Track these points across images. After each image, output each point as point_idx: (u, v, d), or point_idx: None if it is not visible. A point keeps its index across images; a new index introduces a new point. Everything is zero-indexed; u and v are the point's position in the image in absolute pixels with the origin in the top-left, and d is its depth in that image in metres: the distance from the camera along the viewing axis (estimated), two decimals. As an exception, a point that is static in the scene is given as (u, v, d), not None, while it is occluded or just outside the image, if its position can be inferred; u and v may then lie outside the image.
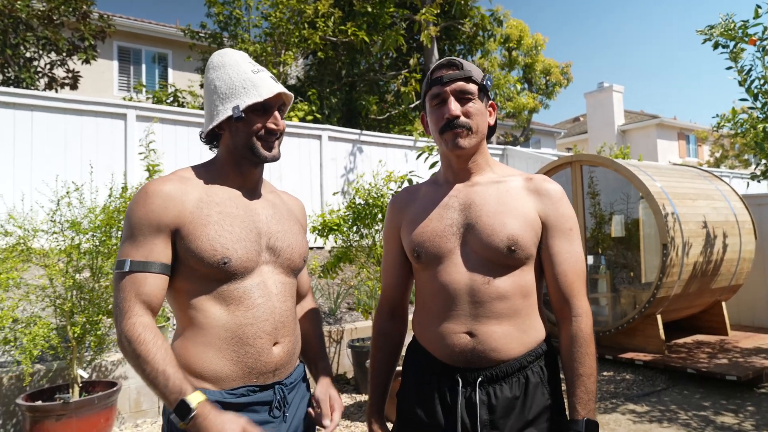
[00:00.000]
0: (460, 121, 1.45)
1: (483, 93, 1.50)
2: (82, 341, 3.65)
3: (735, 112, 5.01)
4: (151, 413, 4.19)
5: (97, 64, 9.84)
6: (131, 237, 1.32)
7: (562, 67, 16.17)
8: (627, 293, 5.98)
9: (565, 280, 1.45)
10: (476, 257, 1.43)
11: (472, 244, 1.44)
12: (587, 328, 1.44)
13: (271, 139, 1.44)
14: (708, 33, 4.64)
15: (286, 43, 9.42)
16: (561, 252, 1.45)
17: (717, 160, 23.31)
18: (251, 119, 1.42)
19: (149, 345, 1.24)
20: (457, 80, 1.46)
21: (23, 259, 3.51)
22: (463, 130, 1.46)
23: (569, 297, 1.45)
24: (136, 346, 1.24)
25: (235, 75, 1.43)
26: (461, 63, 1.49)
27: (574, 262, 1.45)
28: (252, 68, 1.45)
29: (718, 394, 4.66)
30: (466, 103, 1.47)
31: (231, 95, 1.41)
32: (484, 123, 1.51)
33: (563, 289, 1.45)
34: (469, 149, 1.48)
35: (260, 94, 1.39)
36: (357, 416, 4.29)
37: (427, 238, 1.48)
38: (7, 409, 3.61)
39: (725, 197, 6.40)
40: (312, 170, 7.81)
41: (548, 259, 1.46)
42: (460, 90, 1.46)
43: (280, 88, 1.43)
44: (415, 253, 1.50)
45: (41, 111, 5.83)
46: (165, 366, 1.24)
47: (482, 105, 1.50)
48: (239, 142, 1.43)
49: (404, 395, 1.58)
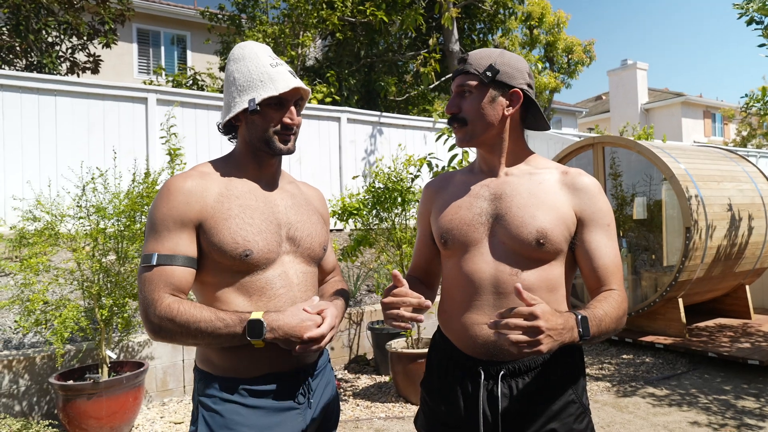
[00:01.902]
0: (452, 117, 1.49)
1: (488, 84, 1.45)
2: (109, 323, 3.75)
3: (765, 90, 4.88)
4: (177, 392, 4.31)
5: (117, 47, 9.92)
6: (156, 232, 1.35)
7: (584, 45, 15.81)
8: (648, 276, 5.93)
9: (604, 274, 1.42)
10: (504, 248, 1.43)
11: (500, 236, 1.44)
12: (621, 298, 1.40)
13: (287, 134, 1.46)
14: (744, 7, 4.51)
15: (304, 24, 9.36)
16: (599, 247, 1.42)
17: (744, 139, 22.73)
18: (267, 113, 1.43)
19: (191, 309, 1.29)
20: (458, 75, 1.49)
21: (51, 244, 3.60)
22: (454, 124, 1.49)
23: (608, 287, 1.42)
24: (178, 317, 1.28)
25: (254, 68, 1.44)
26: (466, 57, 1.50)
27: (613, 257, 1.43)
28: (271, 62, 1.45)
29: (739, 379, 4.62)
30: (465, 98, 1.48)
31: (248, 88, 1.43)
32: (485, 115, 1.45)
33: (603, 281, 1.42)
34: (471, 142, 1.49)
35: (276, 88, 1.40)
36: (377, 397, 4.36)
37: (456, 225, 1.48)
38: (41, 387, 3.74)
39: (752, 179, 6.26)
40: (331, 153, 7.82)
41: (585, 254, 1.44)
42: (460, 84, 1.48)
43: (297, 82, 1.43)
44: (443, 239, 1.51)
45: (64, 96, 5.91)
46: (214, 313, 1.30)
47: (483, 96, 1.45)
48: (255, 135, 1.45)
49: (428, 386, 1.59)
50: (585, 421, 1.46)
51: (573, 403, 1.43)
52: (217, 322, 1.29)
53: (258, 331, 1.28)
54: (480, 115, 1.46)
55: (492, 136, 1.48)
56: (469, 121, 1.47)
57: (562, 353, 1.46)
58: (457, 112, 1.47)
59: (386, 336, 4.76)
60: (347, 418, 3.95)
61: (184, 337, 1.30)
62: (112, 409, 3.48)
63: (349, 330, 5.24)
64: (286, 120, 1.44)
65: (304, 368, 1.46)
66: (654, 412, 3.96)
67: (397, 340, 4.53)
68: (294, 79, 1.44)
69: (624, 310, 1.39)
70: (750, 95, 4.97)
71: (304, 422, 1.44)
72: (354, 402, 4.27)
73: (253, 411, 1.38)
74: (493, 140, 1.49)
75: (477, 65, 1.46)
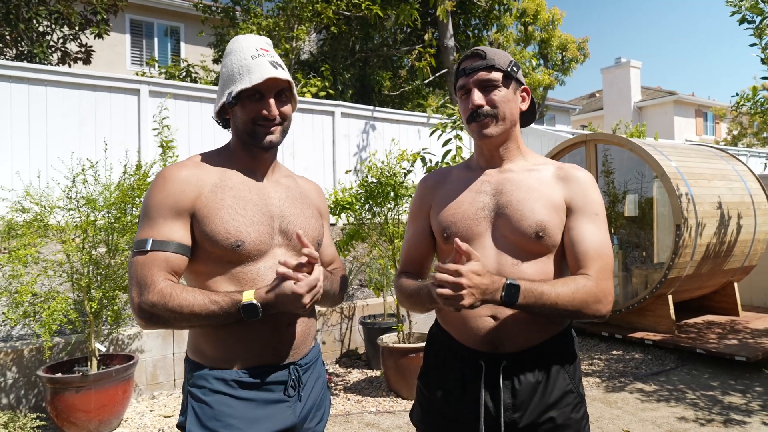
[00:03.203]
0: (483, 110, 1.46)
1: (511, 79, 1.49)
2: (99, 316, 3.73)
3: (756, 90, 4.91)
4: (167, 385, 4.30)
5: (109, 37, 9.82)
6: (150, 219, 1.35)
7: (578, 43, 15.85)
8: (639, 273, 5.97)
9: (583, 259, 1.39)
10: (505, 242, 1.45)
11: (502, 229, 1.46)
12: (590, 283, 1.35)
13: (267, 125, 1.44)
14: (737, 5, 4.52)
15: (299, 17, 9.30)
16: (583, 233, 1.42)
17: (735, 138, 22.89)
18: (246, 105, 1.43)
19: (183, 293, 1.30)
20: (479, 70, 1.47)
21: (40, 235, 3.57)
22: (488, 118, 1.47)
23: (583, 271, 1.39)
24: (171, 302, 1.28)
25: (236, 61, 1.44)
26: (485, 52, 1.49)
27: (597, 244, 1.41)
28: (253, 53, 1.43)
29: (726, 375, 4.67)
30: (490, 92, 1.47)
31: (229, 81, 1.43)
32: (511, 110, 1.50)
33: (580, 266, 1.39)
34: (498, 137, 1.49)
35: (251, 80, 1.39)
36: (368, 391, 4.37)
37: (459, 219, 1.50)
38: (29, 380, 3.72)
39: (741, 177, 6.31)
40: (325, 147, 7.79)
41: (569, 241, 1.43)
42: (484, 79, 1.47)
43: (272, 73, 1.40)
44: (445, 234, 1.52)
45: (55, 86, 5.85)
46: (207, 296, 1.31)
47: (509, 92, 1.49)
48: (240, 127, 1.46)
49: (426, 380, 1.60)
50: (582, 410, 1.49)
51: (571, 392, 1.46)
52: (211, 305, 1.30)
53: (254, 313, 1.30)
54: (511, 109, 1.49)
55: (510, 130, 1.52)
56: (501, 115, 1.48)
57: (560, 344, 1.48)
58: (483, 106, 1.46)
59: (378, 330, 4.77)
60: (338, 413, 3.96)
61: (178, 321, 1.31)
62: (101, 402, 3.47)
63: (341, 324, 5.24)
64: (263, 112, 1.43)
65: (294, 362, 1.46)
66: (642, 407, 4.00)
67: (389, 335, 4.54)
68: (272, 70, 1.41)
69: (593, 295, 1.35)
70: (741, 94, 4.99)
71: (294, 415, 1.44)
72: (345, 396, 4.28)
73: (243, 403, 1.37)
74: (507, 135, 1.52)
75: (499, 61, 1.48)
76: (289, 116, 1.49)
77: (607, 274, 1.40)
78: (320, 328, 5.11)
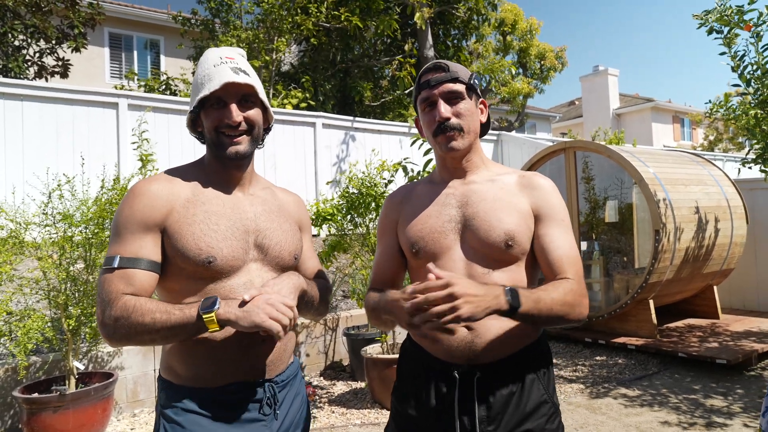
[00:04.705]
0: (450, 122, 1.47)
1: (472, 92, 1.51)
2: (77, 333, 3.66)
3: (727, 97, 5.01)
4: (148, 403, 4.22)
5: (87, 51, 9.73)
6: (119, 235, 1.32)
7: (556, 52, 16.06)
8: (620, 278, 6.02)
9: (559, 264, 1.42)
10: (474, 253, 1.45)
11: (470, 241, 1.46)
12: (574, 286, 1.38)
13: (232, 134, 1.40)
14: (703, 18, 4.62)
15: (278, 29, 9.31)
16: (554, 240, 1.44)
17: (711, 143, 23.33)
18: (210, 114, 1.40)
19: (147, 304, 1.25)
20: (444, 82, 1.48)
21: (15, 252, 3.50)
22: (455, 131, 1.47)
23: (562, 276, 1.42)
24: (134, 313, 1.23)
25: (200, 72, 1.42)
26: (447, 65, 1.50)
27: (568, 249, 1.44)
28: (216, 62, 1.41)
29: (708, 378, 4.72)
30: (455, 104, 1.48)
31: (195, 92, 1.42)
32: (475, 122, 1.52)
33: (557, 271, 1.42)
34: (463, 149, 1.50)
35: (209, 87, 1.36)
36: (353, 403, 4.33)
37: (426, 233, 1.50)
38: (4, 401, 3.63)
39: (717, 182, 6.42)
40: (306, 159, 7.78)
41: (541, 248, 1.45)
42: (448, 91, 1.47)
43: (230, 78, 1.36)
44: (414, 249, 1.51)
45: (31, 101, 5.77)
46: (170, 305, 1.26)
47: (472, 104, 1.51)
48: (207, 137, 1.44)
49: (400, 395, 1.58)
50: (557, 421, 1.48)
51: (545, 403, 1.45)
52: (174, 310, 1.24)
53: (211, 303, 1.23)
54: (474, 121, 1.51)
55: (473, 143, 1.53)
56: (467, 128, 1.49)
57: (534, 353, 1.48)
58: (450, 118, 1.46)
59: (362, 341, 4.75)
60: (322, 425, 3.92)
61: (141, 335, 1.25)
62: (79, 421, 3.39)
63: (324, 336, 5.20)
64: (225, 119, 1.39)
65: (269, 379, 1.43)
66: (626, 412, 4.02)
67: (373, 346, 4.52)
68: (231, 75, 1.36)
69: (578, 298, 1.37)
70: (714, 101, 5.08)
71: (270, 434, 1.40)
72: (329, 409, 4.24)
73: (216, 423, 1.34)
74: (470, 147, 1.53)
75: (461, 73, 1.49)
76: (257, 123, 1.44)
77: (582, 276, 1.44)
78: (304, 341, 5.07)
